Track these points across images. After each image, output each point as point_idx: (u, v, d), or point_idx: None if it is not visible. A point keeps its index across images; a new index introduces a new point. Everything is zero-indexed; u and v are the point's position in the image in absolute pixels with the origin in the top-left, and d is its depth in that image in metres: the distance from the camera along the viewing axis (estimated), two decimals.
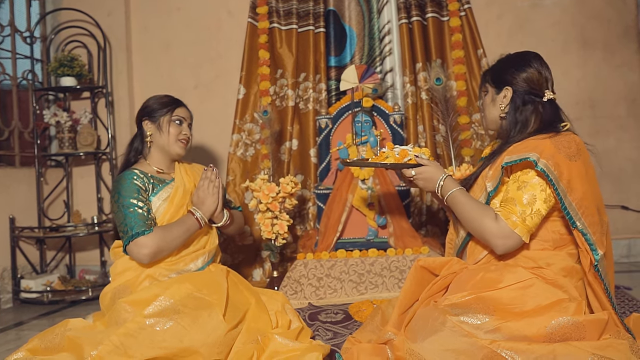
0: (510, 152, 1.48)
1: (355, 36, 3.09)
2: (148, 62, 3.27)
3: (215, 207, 1.89)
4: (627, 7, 3.05)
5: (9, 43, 2.99)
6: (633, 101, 3.06)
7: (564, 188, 1.38)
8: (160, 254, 1.75)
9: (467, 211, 1.49)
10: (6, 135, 2.93)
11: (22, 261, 2.91)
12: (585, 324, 1.28)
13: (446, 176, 1.56)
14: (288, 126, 2.98)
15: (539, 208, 1.41)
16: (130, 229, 1.72)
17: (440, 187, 1.55)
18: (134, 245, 1.71)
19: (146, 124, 1.96)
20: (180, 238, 1.79)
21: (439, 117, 2.75)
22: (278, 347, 1.60)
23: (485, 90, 1.65)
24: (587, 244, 1.40)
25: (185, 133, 1.99)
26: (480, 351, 1.22)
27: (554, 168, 1.39)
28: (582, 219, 1.39)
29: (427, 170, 1.57)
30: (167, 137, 1.94)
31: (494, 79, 1.61)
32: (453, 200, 1.52)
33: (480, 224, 1.45)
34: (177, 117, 1.97)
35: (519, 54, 1.61)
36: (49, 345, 1.58)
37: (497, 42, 3.05)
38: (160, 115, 1.95)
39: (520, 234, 1.41)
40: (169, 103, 1.99)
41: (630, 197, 3.06)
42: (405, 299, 1.51)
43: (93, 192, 3.19)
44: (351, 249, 2.48)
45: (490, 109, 1.63)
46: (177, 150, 1.96)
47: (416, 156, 1.59)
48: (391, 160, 1.59)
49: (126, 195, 1.78)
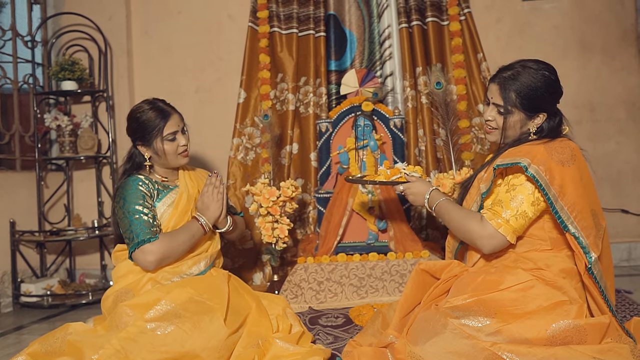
0: (504, 156, 1.52)
1: (355, 40, 3.10)
2: (149, 65, 3.27)
3: (220, 212, 1.89)
4: (626, 11, 3.06)
5: (10, 47, 2.99)
6: (632, 105, 3.07)
7: (555, 193, 1.40)
8: (166, 261, 1.75)
9: (453, 218, 1.56)
10: (7, 139, 2.94)
11: (22, 265, 2.90)
12: (587, 328, 1.28)
13: (432, 189, 1.66)
14: (288, 130, 2.99)
15: (525, 210, 1.45)
16: (135, 236, 1.71)
17: (427, 199, 1.65)
18: (139, 252, 1.71)
19: (141, 147, 1.89)
20: (186, 244, 1.79)
21: (439, 121, 2.75)
22: (279, 351, 1.60)
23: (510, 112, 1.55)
24: (579, 247, 1.41)
25: (183, 145, 1.90)
26: (482, 353, 1.23)
27: (546, 173, 1.41)
28: (574, 223, 1.41)
29: (414, 186, 1.69)
30: (165, 156, 1.88)
31: (527, 106, 1.54)
32: (440, 210, 1.61)
33: (466, 228, 1.52)
34: (168, 134, 1.86)
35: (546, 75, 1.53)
36: (50, 349, 1.58)
37: (496, 46, 3.06)
38: (152, 138, 1.85)
39: (504, 234, 1.45)
40: (155, 121, 1.85)
41: (630, 201, 3.06)
42: (407, 302, 1.52)
43: (93, 196, 3.19)
44: (352, 253, 2.48)
45: (515, 129, 1.58)
46: (180, 163, 1.93)
47: (406, 174, 1.73)
48: (382, 178, 1.75)
49: (131, 202, 1.77)
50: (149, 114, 1.86)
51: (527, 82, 1.52)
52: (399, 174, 1.74)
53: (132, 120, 1.89)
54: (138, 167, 1.92)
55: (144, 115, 1.86)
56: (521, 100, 1.53)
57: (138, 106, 1.91)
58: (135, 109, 1.90)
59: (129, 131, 1.92)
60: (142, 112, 1.87)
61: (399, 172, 1.75)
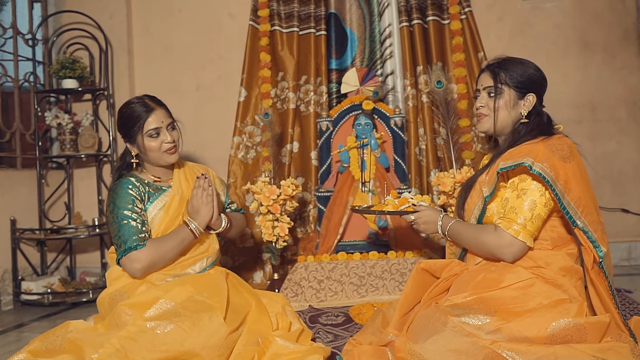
0: (505, 158, 1.50)
1: (356, 39, 3.09)
2: (149, 64, 3.27)
3: (211, 216, 1.81)
4: (627, 10, 3.06)
5: (11, 45, 2.99)
6: (633, 104, 3.07)
7: (561, 189, 1.40)
8: (154, 268, 1.72)
9: (468, 236, 1.56)
10: (8, 137, 2.94)
11: (22, 263, 2.91)
12: (587, 326, 1.28)
13: (443, 215, 1.66)
14: (289, 129, 2.99)
15: (539, 212, 1.44)
16: (123, 242, 1.69)
17: (439, 226, 1.65)
18: (126, 260, 1.69)
19: (127, 144, 1.86)
20: (174, 250, 1.75)
21: (439, 119, 2.75)
22: (279, 349, 1.60)
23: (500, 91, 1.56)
24: (589, 241, 1.41)
25: (168, 142, 1.80)
26: (482, 351, 1.23)
27: (550, 170, 1.40)
28: (582, 218, 1.41)
29: (424, 215, 1.68)
30: (148, 153, 1.81)
31: (518, 83, 1.55)
32: (453, 233, 1.61)
33: (482, 242, 1.51)
34: (149, 130, 1.78)
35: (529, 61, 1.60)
36: (50, 347, 1.58)
37: (497, 45, 3.05)
38: (134, 134, 1.79)
39: (524, 240, 1.44)
40: (137, 117, 1.78)
41: (630, 200, 3.06)
42: (407, 301, 1.52)
43: (94, 194, 3.19)
44: (352, 251, 2.48)
45: (506, 112, 1.57)
46: (167, 161, 1.84)
47: (414, 204, 1.72)
48: (390, 208, 1.75)
49: (120, 206, 1.73)
50: (132, 109, 1.80)
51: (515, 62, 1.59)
52: (407, 204, 1.73)
53: (119, 116, 1.85)
54: (129, 166, 1.88)
55: (128, 110, 1.81)
56: (510, 76, 1.56)
57: (126, 102, 1.85)
58: (122, 105, 1.85)
59: (117, 128, 1.87)
60: (127, 108, 1.82)
61: (407, 202, 1.74)
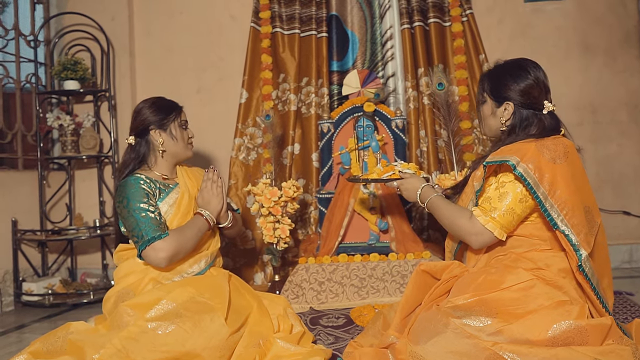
0: (495, 153, 1.53)
1: (357, 41, 3.10)
2: (151, 66, 3.28)
3: (221, 206, 1.91)
4: (629, 12, 3.06)
5: (13, 46, 3.00)
6: (635, 107, 3.06)
7: (544, 191, 1.41)
8: (177, 257, 1.75)
9: (444, 215, 1.59)
10: (9, 138, 2.94)
11: (24, 264, 2.91)
12: (588, 329, 1.28)
13: (425, 185, 1.68)
14: (290, 130, 2.99)
15: (512, 207, 1.47)
16: (145, 233, 1.70)
17: (419, 195, 1.68)
18: (151, 250, 1.69)
19: (157, 133, 1.91)
20: (193, 239, 1.80)
21: (441, 122, 2.75)
22: (280, 351, 1.60)
23: (484, 100, 1.64)
24: (569, 244, 1.41)
25: (191, 136, 2.02)
26: (483, 353, 1.23)
27: (534, 172, 1.42)
28: (564, 220, 1.41)
29: (407, 182, 1.72)
30: (179, 143, 1.95)
31: (493, 92, 1.60)
32: (432, 206, 1.64)
33: (456, 225, 1.55)
34: (183, 120, 1.98)
35: (517, 63, 1.60)
36: (51, 348, 1.58)
37: (498, 47, 3.06)
38: (169, 122, 1.93)
39: (491, 230, 1.48)
40: (172, 108, 1.97)
41: (632, 203, 3.06)
42: (408, 303, 1.52)
43: (95, 196, 3.19)
44: (353, 253, 2.48)
45: (490, 121, 1.64)
46: (188, 154, 2.00)
47: (400, 171, 1.75)
48: (375, 175, 1.80)
49: (136, 200, 1.76)
50: (167, 100, 1.99)
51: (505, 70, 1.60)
52: (393, 171, 1.78)
53: (150, 105, 1.94)
54: (142, 159, 1.92)
55: (163, 101, 1.98)
56: (489, 85, 1.61)
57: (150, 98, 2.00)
58: (149, 99, 1.99)
59: (144, 120, 1.90)
60: (160, 99, 1.98)
61: (393, 169, 1.79)
